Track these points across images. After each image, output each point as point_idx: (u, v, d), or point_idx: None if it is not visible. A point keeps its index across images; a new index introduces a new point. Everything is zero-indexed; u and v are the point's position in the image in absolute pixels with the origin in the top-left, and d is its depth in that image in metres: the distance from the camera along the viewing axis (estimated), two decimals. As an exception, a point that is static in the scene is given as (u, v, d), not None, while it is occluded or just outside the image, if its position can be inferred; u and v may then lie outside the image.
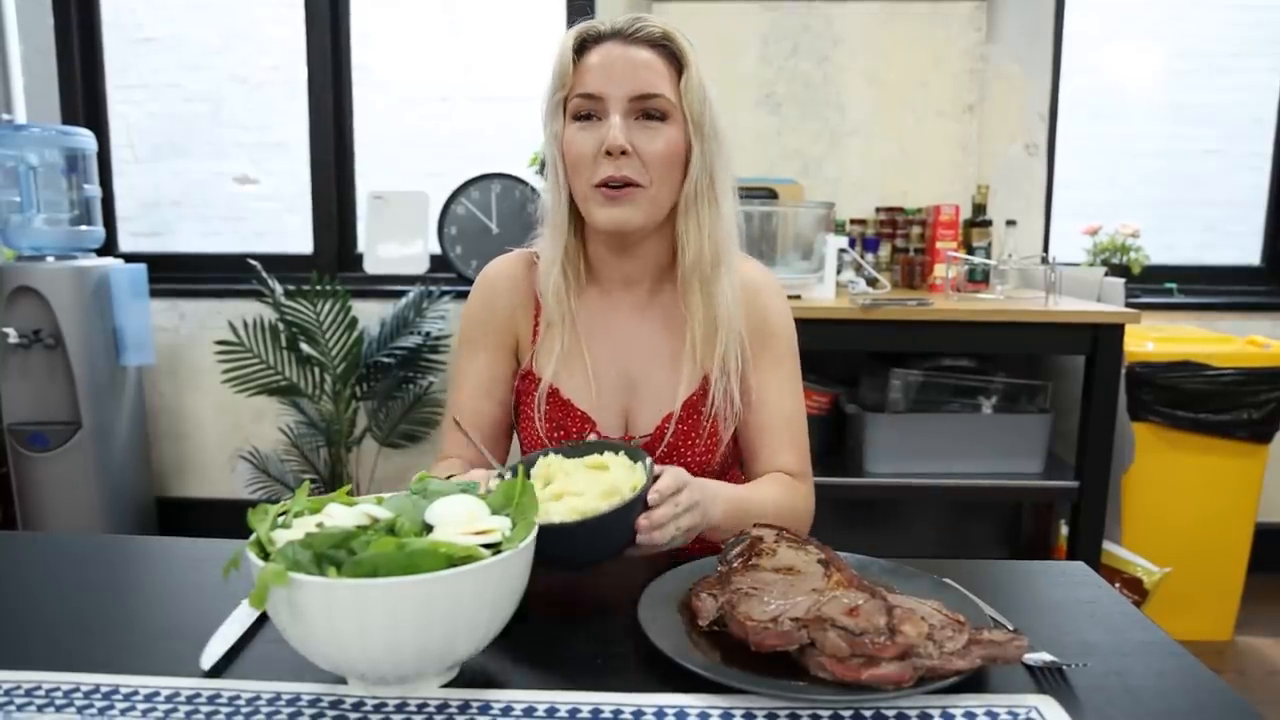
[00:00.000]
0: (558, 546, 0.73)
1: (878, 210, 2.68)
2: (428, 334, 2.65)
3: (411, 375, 2.70)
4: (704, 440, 1.05)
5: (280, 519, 0.67)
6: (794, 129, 2.72)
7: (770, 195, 2.51)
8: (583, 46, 0.99)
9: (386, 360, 2.60)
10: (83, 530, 2.46)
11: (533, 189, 2.71)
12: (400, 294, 2.74)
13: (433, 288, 2.67)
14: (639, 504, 0.78)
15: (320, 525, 0.64)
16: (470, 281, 2.49)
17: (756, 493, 0.99)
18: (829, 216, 2.32)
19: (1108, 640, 0.78)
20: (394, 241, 2.84)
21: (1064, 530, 2.29)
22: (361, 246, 2.96)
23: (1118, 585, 2.15)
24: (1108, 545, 2.22)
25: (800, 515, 1.06)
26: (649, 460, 0.82)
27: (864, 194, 2.74)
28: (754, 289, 1.09)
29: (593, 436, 1.02)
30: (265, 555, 0.63)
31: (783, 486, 1.04)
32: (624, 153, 0.96)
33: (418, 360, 2.68)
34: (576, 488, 0.80)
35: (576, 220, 1.04)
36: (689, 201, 1.02)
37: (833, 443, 2.41)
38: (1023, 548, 2.72)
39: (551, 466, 0.83)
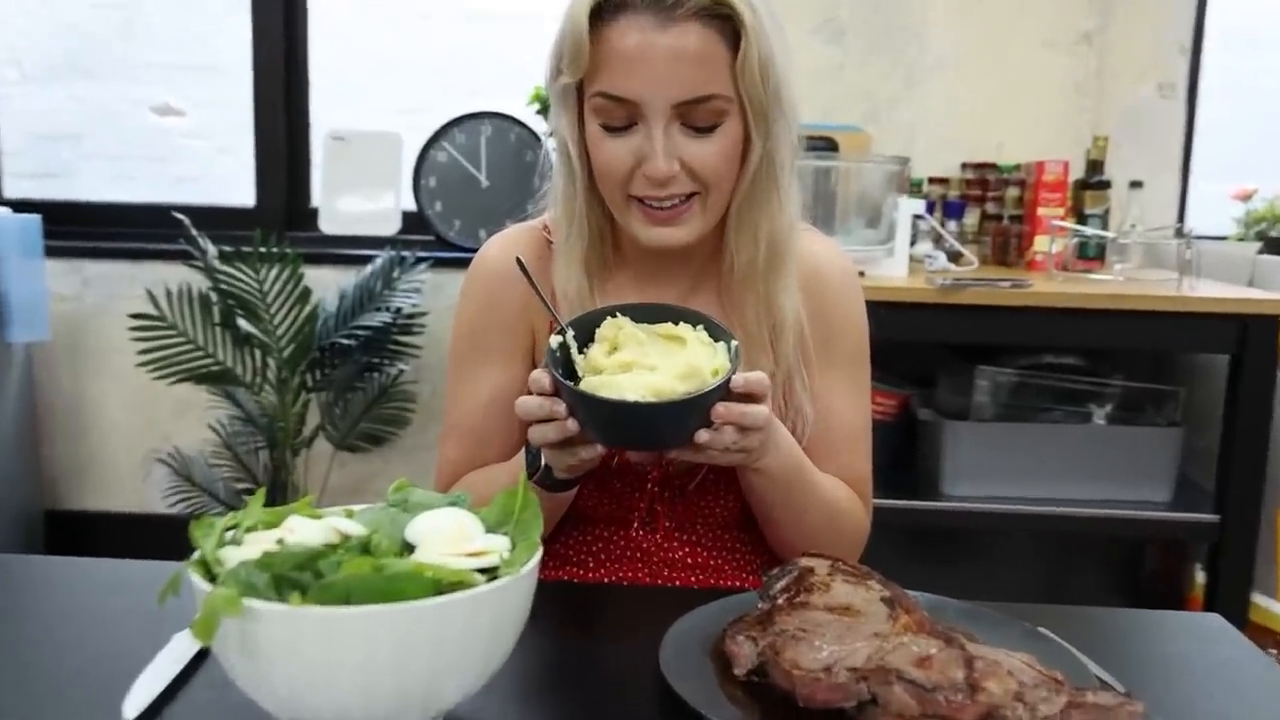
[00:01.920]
0: (617, 424, 0.82)
1: (964, 167, 2.73)
2: (398, 311, 2.67)
3: (377, 362, 2.74)
4: None
5: (229, 534, 0.68)
6: (860, 64, 2.77)
7: (829, 146, 2.56)
8: (599, 12, 0.98)
9: (346, 342, 2.63)
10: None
11: (533, 133, 2.79)
12: (365, 260, 2.77)
13: (405, 253, 2.71)
14: (719, 393, 0.84)
15: (280, 542, 0.66)
16: (452, 246, 2.80)
17: (818, 473, 1.05)
18: (902, 174, 2.37)
19: (1247, 713, 0.79)
20: (358, 194, 2.89)
21: (1200, 577, 2.34)
22: (317, 200, 3.00)
23: (1273, 652, 2.14)
24: (1257, 598, 2.24)
25: (855, 532, 1.12)
26: (735, 343, 0.88)
27: (947, 146, 2.77)
28: (820, 277, 1.13)
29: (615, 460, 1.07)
30: (212, 577, 0.64)
31: (844, 490, 1.10)
32: (670, 179, 1.00)
33: (385, 343, 2.72)
34: (648, 360, 0.86)
35: (601, 211, 1.08)
36: (743, 198, 1.05)
37: (901, 456, 2.46)
38: (1145, 597, 2.77)
39: (621, 331, 0.89)
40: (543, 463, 0.94)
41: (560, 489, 0.98)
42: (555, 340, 0.88)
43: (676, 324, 0.91)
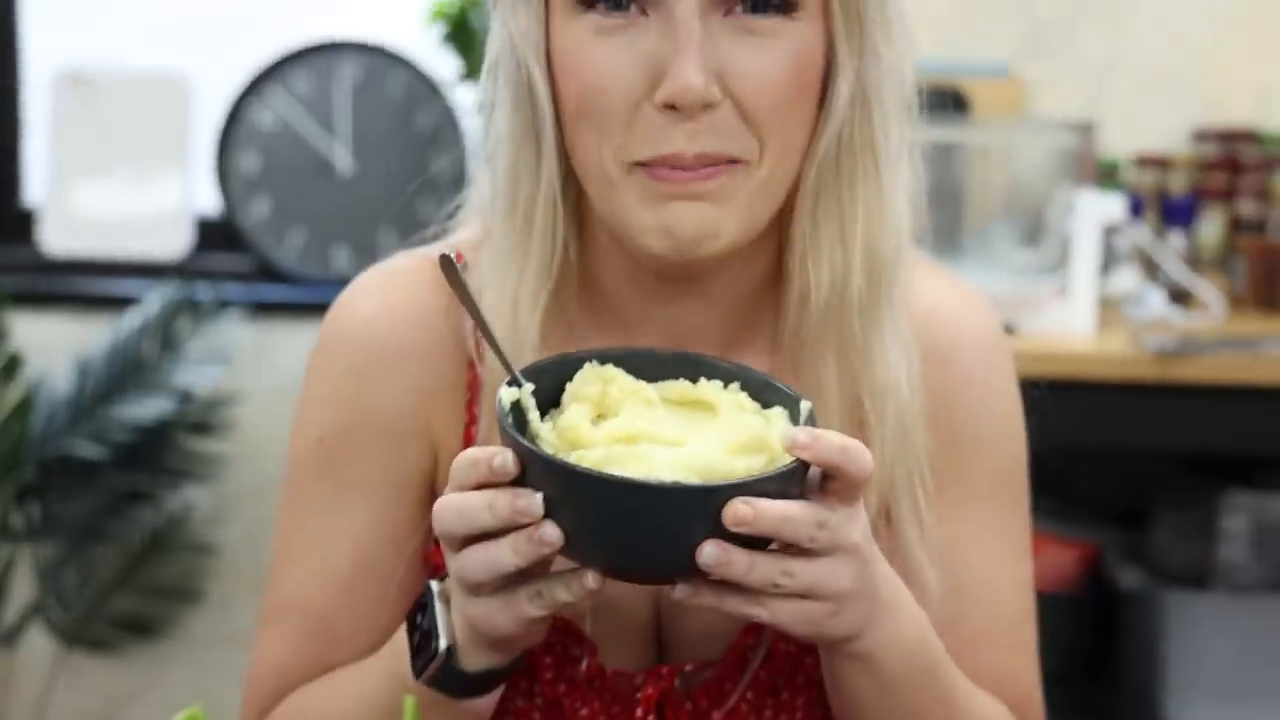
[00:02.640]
0: (641, 528, 0.71)
1: (1199, 137, 2.43)
2: (186, 395, 2.33)
3: (145, 487, 2.38)
4: None
5: None
6: None
7: (954, 104, 2.28)
8: None
9: (86, 454, 2.28)
10: None
11: (428, 81, 2.52)
12: (123, 303, 2.42)
13: (200, 290, 2.39)
14: (799, 474, 0.73)
15: None
16: (288, 280, 2.57)
17: (959, 675, 0.93)
18: (1084, 151, 2.18)
19: None
20: (112, 183, 2.54)
21: None
22: (35, 193, 2.69)
23: None
24: None
25: None
26: (806, 404, 0.76)
27: (1162, 100, 2.47)
28: (942, 348, 1.00)
29: (583, 663, 0.97)
30: None
31: (999, 710, 0.98)
32: (707, 105, 0.83)
33: (161, 454, 2.35)
34: (666, 432, 0.74)
35: (572, 219, 0.93)
36: (823, 180, 0.90)
37: (1091, 648, 2.26)
38: None
39: (614, 385, 0.77)
40: (443, 644, 0.79)
41: (473, 692, 0.82)
42: (507, 395, 0.74)
43: (695, 381, 0.78)
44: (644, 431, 0.74)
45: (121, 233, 2.57)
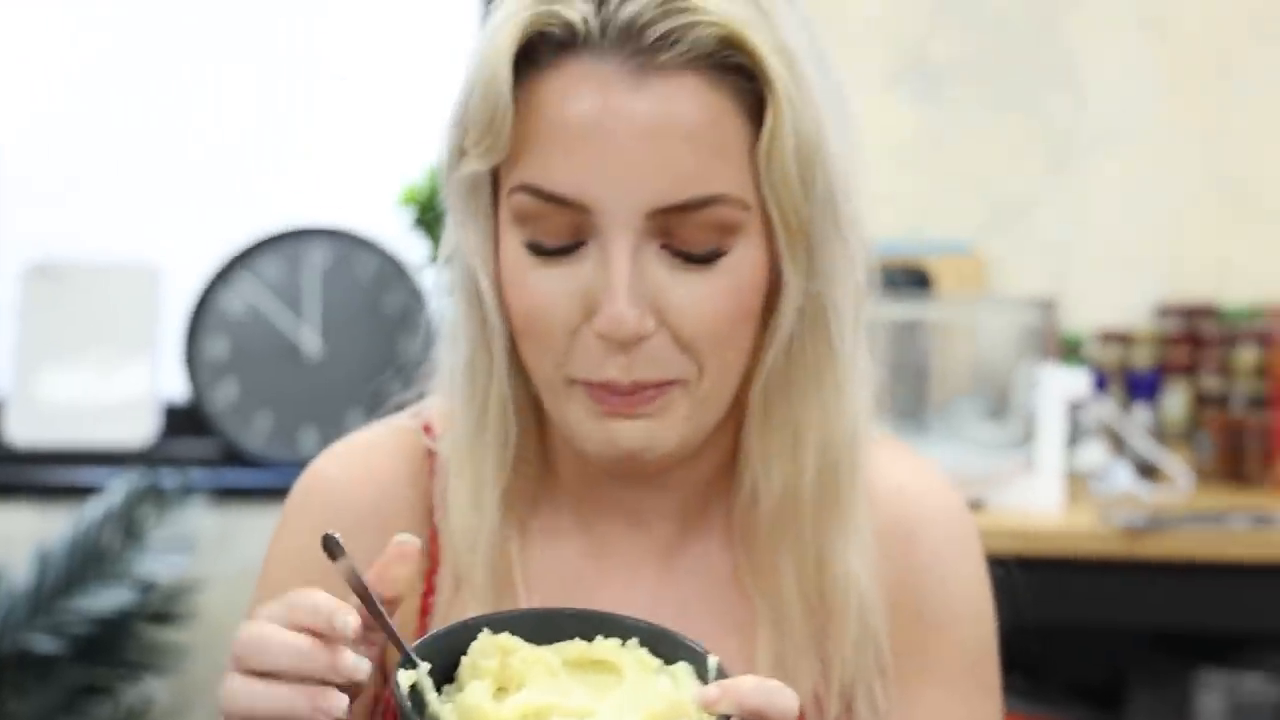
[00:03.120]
0: None
1: (1159, 312, 2.46)
2: (149, 586, 2.30)
3: (104, 680, 2.32)
4: None
5: None
6: (970, 132, 2.49)
7: (917, 281, 2.34)
8: (531, 54, 0.84)
9: (43, 648, 2.22)
10: None
11: (396, 264, 2.58)
12: (84, 492, 2.40)
13: (165, 478, 2.37)
14: None
15: None
16: (254, 464, 2.58)
17: None
18: (1048, 327, 2.23)
19: None
20: (80, 371, 2.56)
21: None
22: (3, 385, 2.68)
23: None
24: None
25: None
26: (714, 659, 0.73)
27: (1124, 276, 2.49)
28: (906, 529, 1.00)
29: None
30: None
31: None
32: (641, 337, 0.85)
33: (123, 646, 2.31)
34: (575, 702, 0.70)
35: (530, 411, 0.95)
36: (771, 382, 0.90)
37: None
38: None
39: (514, 657, 0.73)
40: None
41: None
42: (405, 678, 0.69)
43: (590, 640, 0.74)
44: (553, 705, 0.71)
45: (88, 420, 2.58)
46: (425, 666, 0.72)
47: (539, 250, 0.88)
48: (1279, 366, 2.32)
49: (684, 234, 0.85)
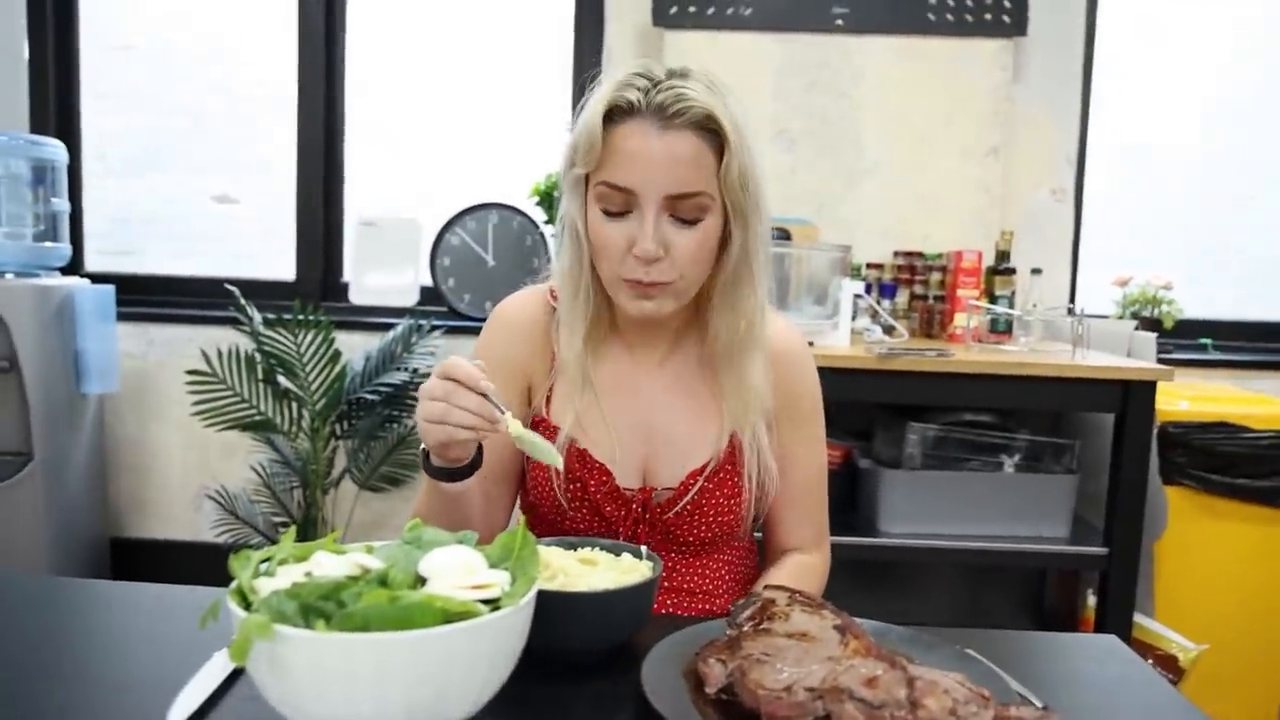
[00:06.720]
0: (561, 623, 0.77)
1: (896, 255, 2.67)
2: (415, 371, 2.62)
3: (396, 414, 2.68)
4: (729, 502, 1.06)
5: (264, 566, 0.66)
6: (809, 167, 2.74)
7: (784, 236, 2.54)
8: (611, 116, 0.98)
9: (370, 397, 2.58)
10: (24, 571, 2.36)
11: (532, 221, 2.76)
12: (387, 327, 2.72)
13: (422, 321, 2.66)
14: (651, 588, 0.81)
15: (308, 575, 0.64)
16: (462, 316, 2.79)
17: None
18: (845, 260, 2.34)
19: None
20: (383, 271, 2.84)
21: (1091, 600, 2.31)
22: (348, 275, 2.96)
23: (1151, 662, 2.08)
24: (1139, 618, 2.22)
25: (820, 584, 1.11)
26: (643, 549, 0.87)
27: (881, 237, 2.74)
28: (784, 351, 1.11)
29: (607, 483, 1.04)
30: (247, 605, 0.63)
31: (797, 579, 1.08)
32: (655, 259, 0.98)
33: (404, 399, 2.65)
34: (573, 577, 0.83)
35: (599, 288, 1.06)
36: (724, 286, 1.04)
37: (845, 499, 2.42)
38: (1047, 618, 2.74)
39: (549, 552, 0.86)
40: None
41: (445, 479, 0.95)
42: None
43: (593, 549, 0.89)
44: (564, 566, 0.85)
45: (386, 294, 2.87)
46: (510, 414, 0.88)
47: (608, 214, 0.99)
48: (950, 284, 2.54)
49: (682, 209, 0.97)
